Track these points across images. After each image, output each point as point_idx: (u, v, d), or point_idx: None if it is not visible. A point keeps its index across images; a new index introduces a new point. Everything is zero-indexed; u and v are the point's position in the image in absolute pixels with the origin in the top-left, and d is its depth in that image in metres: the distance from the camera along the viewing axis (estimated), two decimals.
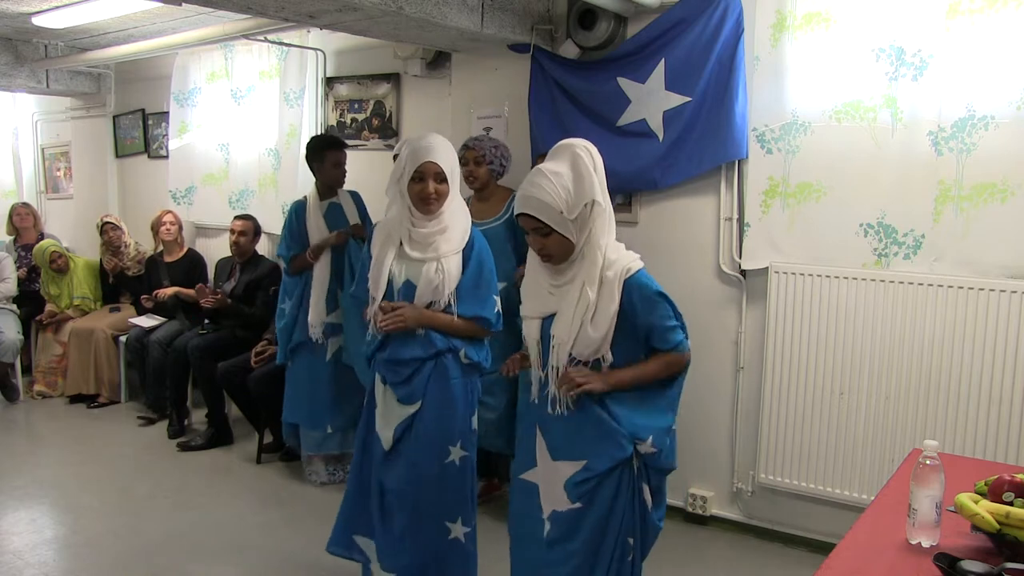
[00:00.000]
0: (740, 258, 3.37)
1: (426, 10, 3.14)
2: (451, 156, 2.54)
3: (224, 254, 5.16)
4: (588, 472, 2.04)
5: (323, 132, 4.81)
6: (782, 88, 3.16)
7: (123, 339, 5.31)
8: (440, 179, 2.48)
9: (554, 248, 2.02)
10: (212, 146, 5.39)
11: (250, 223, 4.85)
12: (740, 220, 3.35)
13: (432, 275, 2.49)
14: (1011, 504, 1.57)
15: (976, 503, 1.59)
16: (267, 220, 4.98)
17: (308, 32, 4.61)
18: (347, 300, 3.81)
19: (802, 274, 3.18)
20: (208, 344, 4.66)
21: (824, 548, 2.90)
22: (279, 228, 4.87)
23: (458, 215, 2.58)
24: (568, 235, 1.99)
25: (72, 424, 5.04)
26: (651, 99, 3.42)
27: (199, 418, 4.86)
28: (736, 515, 3.53)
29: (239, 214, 4.94)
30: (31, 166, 6.93)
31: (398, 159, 2.55)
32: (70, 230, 6.42)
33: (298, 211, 3.99)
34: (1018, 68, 2.71)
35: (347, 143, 4.16)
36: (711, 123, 3.29)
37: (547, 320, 2.08)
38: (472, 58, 4.03)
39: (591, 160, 2.01)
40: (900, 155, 2.95)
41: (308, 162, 4.00)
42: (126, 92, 6.01)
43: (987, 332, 2.84)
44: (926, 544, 1.64)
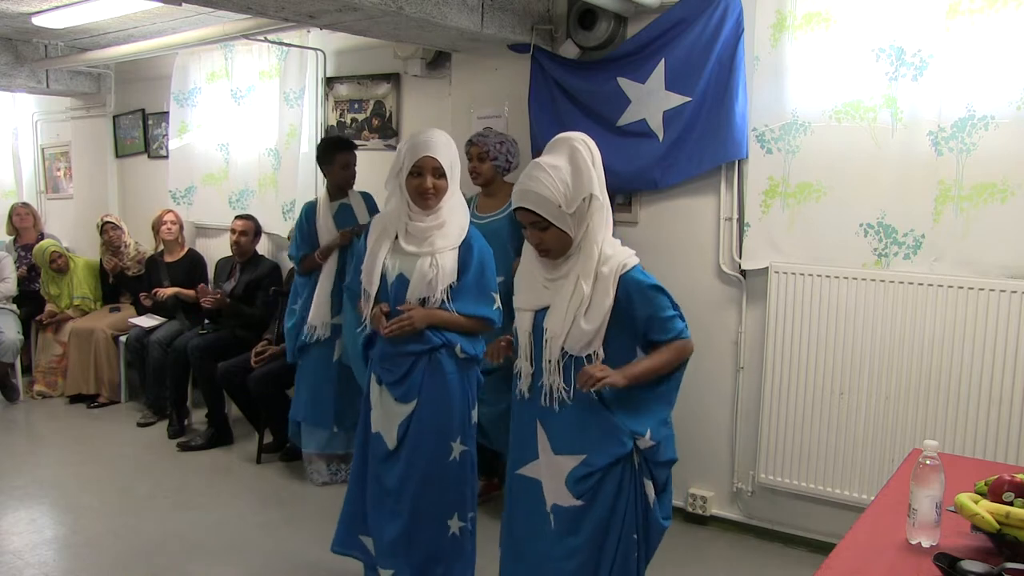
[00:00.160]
0: (740, 258, 3.37)
1: (426, 10, 3.14)
2: (451, 152, 2.52)
3: (224, 254, 5.16)
4: (588, 467, 2.04)
5: (323, 132, 4.81)
6: (782, 88, 3.16)
7: (123, 339, 5.31)
8: (438, 174, 2.47)
9: (552, 242, 2.01)
10: (212, 146, 5.39)
11: (251, 223, 4.86)
12: (740, 220, 3.35)
13: (426, 269, 2.48)
14: (1011, 504, 1.57)
15: (976, 503, 1.59)
16: (267, 220, 4.98)
17: (308, 32, 4.61)
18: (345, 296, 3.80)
19: (802, 274, 3.18)
20: (208, 344, 4.66)
21: (824, 548, 2.90)
22: (279, 228, 4.91)
23: (456, 211, 2.56)
24: (566, 229, 1.98)
25: (72, 424, 5.04)
26: (651, 99, 3.42)
27: (199, 418, 4.86)
28: (736, 515, 3.53)
29: (240, 214, 4.95)
30: (31, 166, 6.92)
31: (397, 153, 2.54)
32: (70, 230, 6.42)
33: (308, 212, 3.99)
34: (1018, 68, 2.72)
35: (356, 144, 4.12)
36: (711, 123, 3.29)
37: (540, 313, 2.07)
38: (472, 58, 4.03)
39: (589, 154, 1.99)
40: (900, 155, 2.95)
41: (318, 163, 3.99)
42: (126, 92, 6.01)
43: (987, 332, 2.84)
44: (926, 544, 1.64)
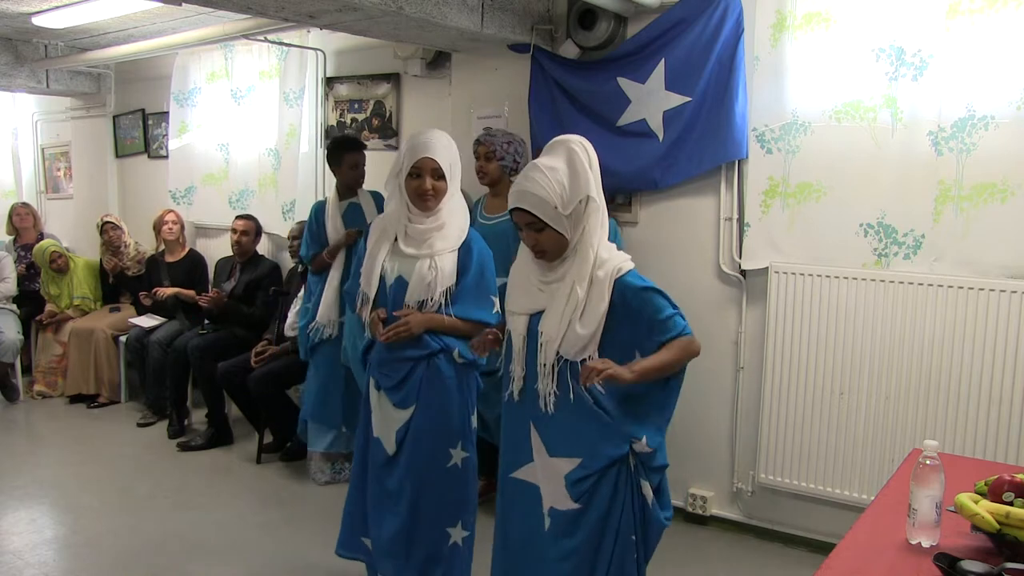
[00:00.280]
0: (740, 258, 3.37)
1: (426, 10, 3.14)
2: (451, 152, 2.49)
3: (224, 254, 5.16)
4: (585, 469, 2.03)
5: (323, 132, 4.82)
6: (782, 88, 3.16)
7: (123, 339, 5.31)
8: (437, 175, 2.44)
9: (548, 244, 2.00)
10: (212, 146, 5.39)
11: (252, 223, 4.87)
12: (740, 220, 3.35)
13: (425, 272, 2.45)
14: (1011, 504, 1.58)
15: (976, 503, 1.59)
16: (267, 220, 4.98)
17: (308, 32, 4.61)
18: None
19: (802, 274, 3.18)
20: (208, 344, 4.66)
21: (824, 548, 2.90)
22: (279, 228, 4.91)
23: (456, 213, 2.54)
24: (562, 231, 1.97)
25: (72, 424, 5.04)
26: (651, 99, 3.42)
27: (199, 418, 4.86)
28: (736, 515, 3.53)
29: (241, 214, 4.95)
30: (31, 166, 6.92)
31: (397, 154, 2.53)
32: (70, 230, 6.42)
33: (318, 211, 3.99)
34: (1018, 68, 2.71)
35: (365, 144, 4.10)
36: (711, 123, 3.29)
37: (535, 317, 2.06)
38: (472, 58, 4.03)
39: (587, 156, 1.99)
40: (900, 155, 2.95)
41: (328, 163, 3.98)
42: (126, 92, 6.01)
43: (987, 332, 2.84)
44: (926, 544, 1.64)
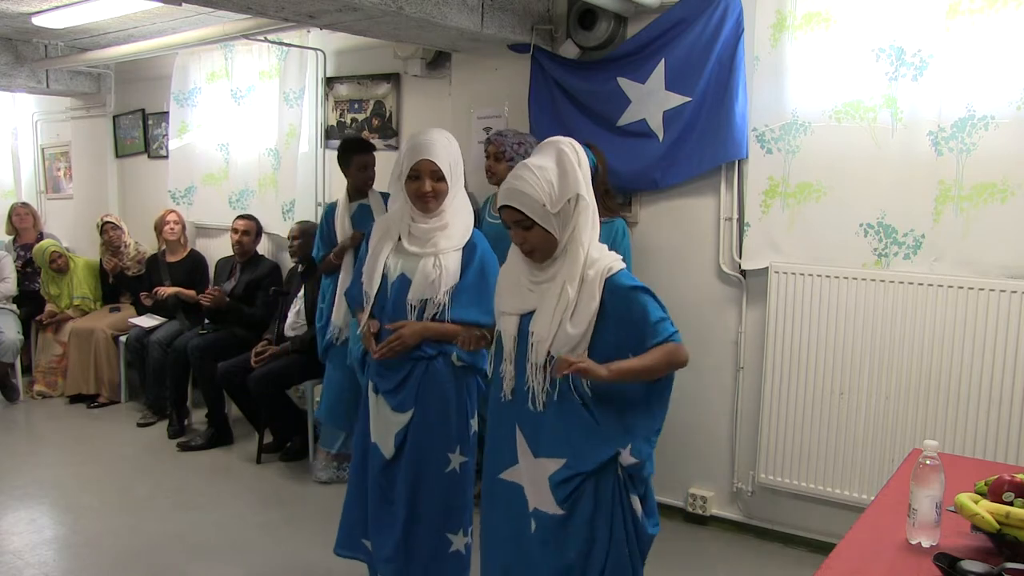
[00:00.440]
0: (740, 258, 3.37)
1: (426, 10, 3.14)
2: (451, 153, 2.46)
3: (224, 254, 5.16)
4: (569, 470, 2.01)
5: (323, 132, 4.82)
6: (782, 88, 3.16)
7: (123, 339, 5.31)
8: (437, 177, 2.41)
9: (536, 242, 2.00)
10: (212, 146, 5.39)
11: (252, 223, 4.87)
12: (740, 220, 3.35)
13: (429, 270, 2.43)
14: (1011, 504, 1.58)
15: (976, 503, 1.59)
16: (267, 220, 4.98)
17: (308, 32, 4.61)
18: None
19: (802, 274, 3.18)
20: (208, 344, 4.66)
21: (824, 548, 2.90)
22: (279, 228, 4.91)
23: (460, 212, 2.51)
24: (550, 229, 1.97)
25: (72, 424, 5.04)
26: (651, 99, 3.42)
27: (199, 418, 4.86)
28: (736, 515, 3.53)
29: (242, 214, 4.96)
30: (31, 166, 6.92)
31: (399, 155, 2.51)
32: (70, 230, 6.42)
33: (328, 213, 3.98)
34: (1018, 68, 2.72)
35: (375, 145, 4.06)
36: (711, 123, 3.29)
37: (525, 317, 2.06)
38: (472, 58, 4.03)
39: (576, 156, 2.00)
40: (900, 155, 2.95)
41: (338, 164, 3.98)
42: (126, 92, 6.00)
43: (987, 332, 2.84)
44: (926, 544, 1.64)
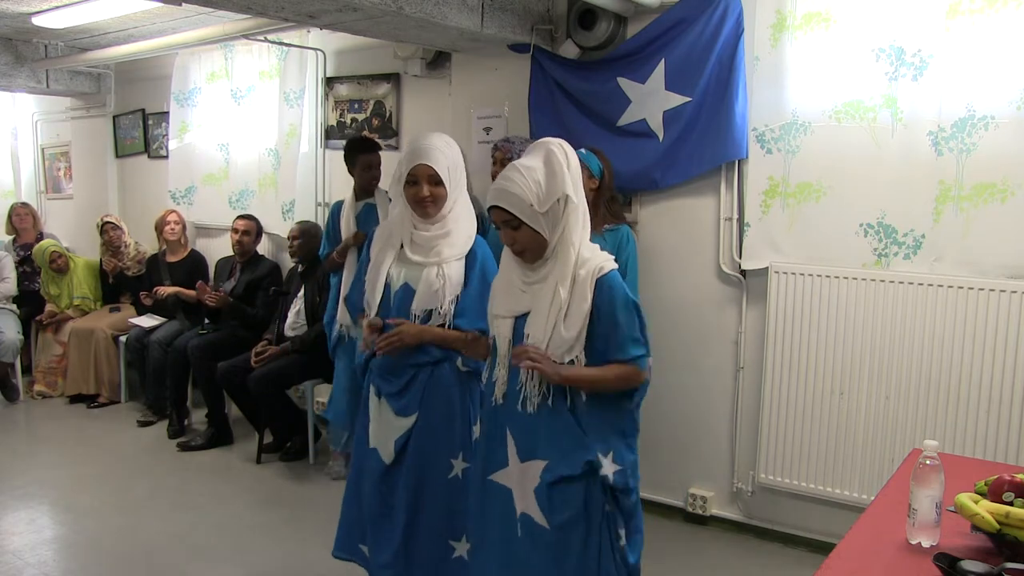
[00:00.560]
0: (740, 258, 3.37)
1: (426, 10, 3.14)
2: (449, 157, 2.43)
3: (224, 254, 5.17)
4: (551, 473, 2.01)
5: (323, 132, 4.81)
6: (782, 88, 3.16)
7: (123, 339, 5.31)
8: (434, 182, 2.38)
9: (525, 242, 2.00)
10: (212, 146, 5.39)
11: (253, 223, 4.87)
12: (740, 220, 3.35)
13: (433, 279, 2.41)
14: (1011, 504, 1.58)
15: (976, 503, 1.59)
16: (267, 220, 4.98)
17: (308, 32, 4.61)
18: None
19: (802, 274, 3.18)
20: (208, 344, 4.66)
21: (824, 548, 2.90)
22: (279, 228, 4.91)
23: (462, 219, 2.49)
24: (539, 229, 1.98)
25: (72, 424, 5.04)
26: (651, 99, 3.42)
27: (199, 418, 4.86)
28: (736, 515, 3.53)
29: (242, 214, 4.96)
30: (31, 166, 6.92)
31: (399, 159, 2.51)
32: (70, 230, 6.42)
33: (335, 211, 3.99)
34: (1018, 68, 2.72)
35: (380, 145, 4.07)
36: (711, 123, 3.29)
37: (520, 319, 2.06)
38: (472, 58, 4.03)
39: (564, 158, 2.01)
40: (900, 155, 2.95)
41: (345, 163, 3.97)
42: (126, 92, 6.00)
43: (987, 332, 2.84)
44: (926, 544, 1.64)
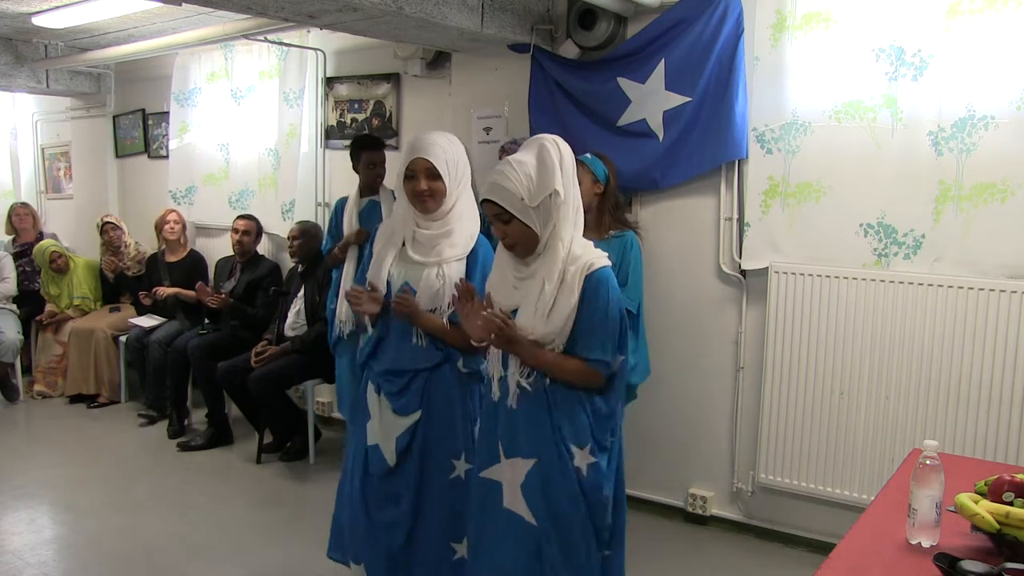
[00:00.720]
0: (740, 258, 3.37)
1: (426, 10, 3.14)
2: (449, 152, 2.41)
3: (224, 254, 5.17)
4: (534, 469, 2.02)
5: (323, 132, 4.82)
6: (782, 88, 3.16)
7: (123, 339, 5.31)
8: (432, 175, 2.37)
9: (516, 236, 2.02)
10: (212, 146, 5.39)
11: (253, 223, 4.87)
12: (740, 220, 3.35)
13: (433, 280, 2.41)
14: (1011, 504, 1.58)
15: (976, 503, 1.59)
16: (267, 220, 4.98)
17: (308, 32, 4.61)
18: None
19: (802, 274, 3.18)
20: (208, 344, 4.66)
21: (824, 548, 2.90)
22: (279, 228, 4.91)
23: (465, 218, 2.48)
24: (529, 223, 1.99)
25: (72, 424, 5.04)
26: (651, 99, 3.42)
27: (199, 418, 4.86)
28: (736, 515, 3.53)
29: (242, 214, 4.96)
30: (31, 166, 6.92)
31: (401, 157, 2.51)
32: (70, 230, 6.42)
33: (338, 208, 3.99)
34: (1018, 68, 2.72)
35: (384, 143, 4.07)
36: (711, 123, 3.29)
37: (512, 314, 2.07)
38: (472, 58, 4.03)
39: (558, 153, 2.01)
40: (900, 155, 2.95)
41: (350, 160, 3.98)
42: (126, 92, 6.00)
43: (987, 332, 2.84)
44: (926, 544, 1.64)
